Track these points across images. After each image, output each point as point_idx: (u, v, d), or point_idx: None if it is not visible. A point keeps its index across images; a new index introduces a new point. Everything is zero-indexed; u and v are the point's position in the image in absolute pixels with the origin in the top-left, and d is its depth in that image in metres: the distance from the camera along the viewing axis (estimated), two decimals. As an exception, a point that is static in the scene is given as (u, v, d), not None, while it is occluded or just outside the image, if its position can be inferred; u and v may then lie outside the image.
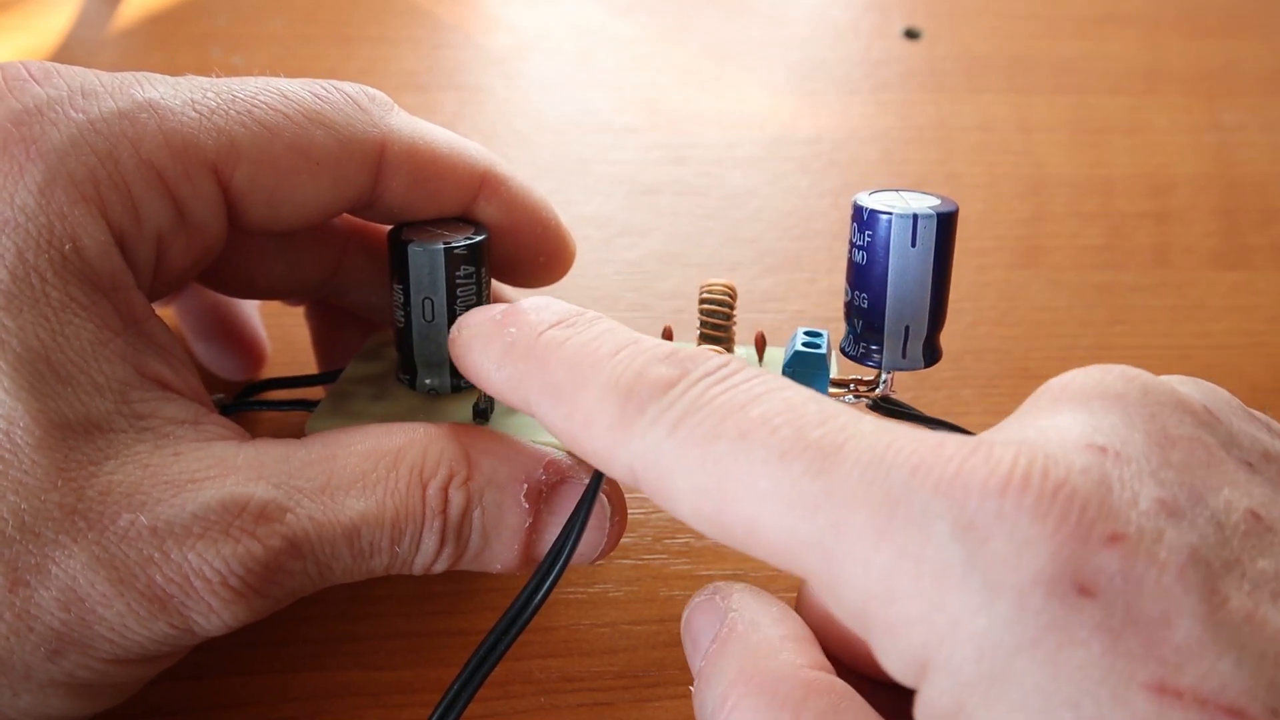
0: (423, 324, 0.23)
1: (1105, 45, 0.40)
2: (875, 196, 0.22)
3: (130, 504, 0.18)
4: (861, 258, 0.22)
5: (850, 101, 0.38)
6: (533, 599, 0.21)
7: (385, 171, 0.22)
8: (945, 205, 0.21)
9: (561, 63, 0.38)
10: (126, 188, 0.20)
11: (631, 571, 0.28)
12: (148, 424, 0.19)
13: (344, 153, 0.22)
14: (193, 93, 0.21)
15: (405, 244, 0.22)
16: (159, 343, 0.20)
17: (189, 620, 0.18)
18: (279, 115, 0.21)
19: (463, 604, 0.27)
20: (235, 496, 0.19)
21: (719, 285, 0.24)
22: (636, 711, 0.26)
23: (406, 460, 0.20)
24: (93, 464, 0.18)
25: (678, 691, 0.26)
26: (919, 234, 0.21)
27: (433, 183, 0.23)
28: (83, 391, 0.19)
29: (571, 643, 0.26)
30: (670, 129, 0.37)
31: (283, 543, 0.19)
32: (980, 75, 0.38)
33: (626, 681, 0.26)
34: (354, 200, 0.23)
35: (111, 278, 0.19)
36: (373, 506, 0.20)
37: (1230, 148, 0.37)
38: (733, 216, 0.35)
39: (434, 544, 0.21)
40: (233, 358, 0.29)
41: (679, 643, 0.27)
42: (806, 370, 0.23)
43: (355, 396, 0.24)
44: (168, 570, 0.18)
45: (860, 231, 0.22)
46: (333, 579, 0.20)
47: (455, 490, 0.21)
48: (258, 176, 0.21)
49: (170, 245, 0.21)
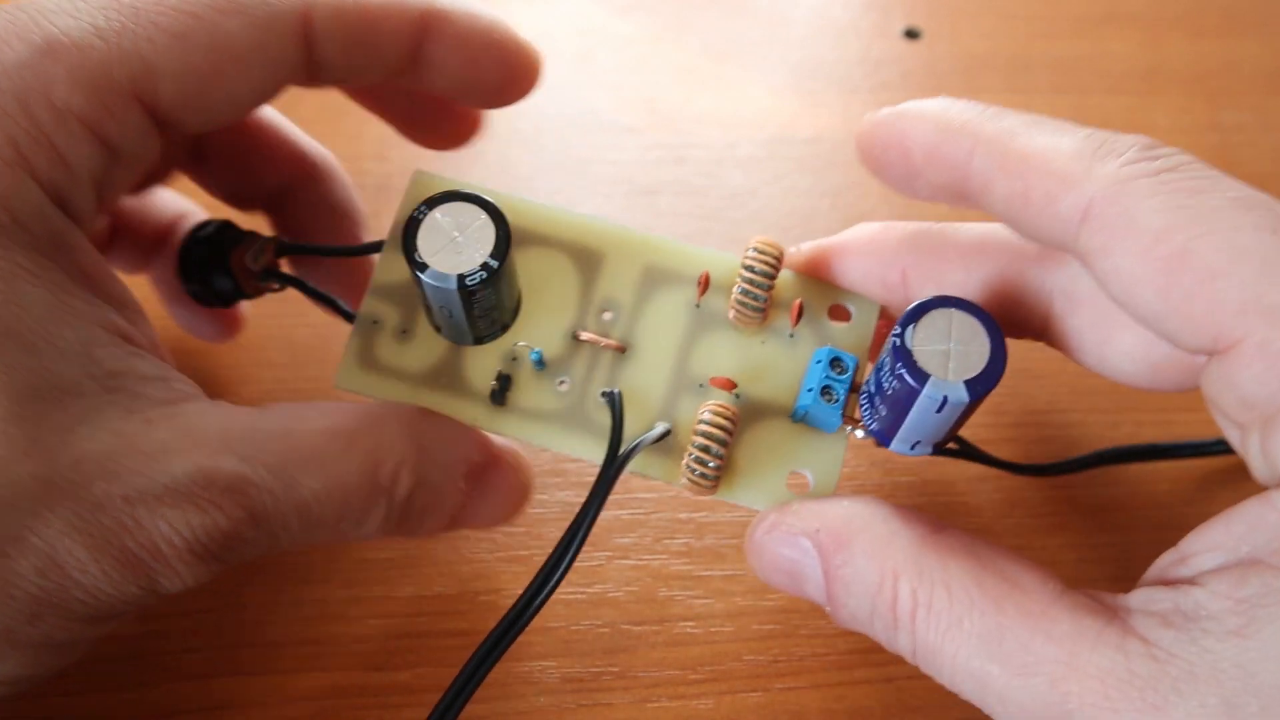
0: (446, 321, 0.23)
1: (1105, 45, 0.40)
2: (925, 328, 0.20)
3: (104, 473, 0.18)
4: (889, 382, 0.21)
5: (850, 101, 0.38)
6: (535, 599, 0.21)
7: (316, 42, 0.22)
8: (992, 361, 0.20)
9: (561, 63, 0.38)
10: (49, 141, 0.19)
11: (631, 571, 0.28)
12: (118, 383, 0.19)
13: (266, 36, 0.21)
14: (93, 17, 0.20)
15: (420, 268, 0.21)
16: (116, 297, 0.20)
17: (155, 582, 0.19)
18: (187, 18, 0.20)
19: (463, 604, 0.27)
20: (204, 469, 0.19)
21: (769, 251, 0.23)
22: (636, 711, 0.26)
23: (361, 443, 0.21)
24: (65, 431, 0.18)
25: (678, 691, 0.26)
26: (947, 407, 0.20)
27: (370, 39, 0.22)
28: (47, 358, 0.19)
29: (571, 643, 0.26)
30: (670, 129, 0.37)
31: (245, 514, 0.19)
32: (980, 75, 0.38)
33: (626, 682, 0.26)
34: (290, 77, 0.22)
35: (55, 237, 0.19)
36: (326, 486, 0.20)
37: (1230, 148, 0.37)
38: (733, 216, 0.35)
39: (377, 521, 0.21)
40: (212, 320, 0.29)
41: (679, 643, 0.27)
42: (819, 418, 0.23)
43: (382, 335, 0.23)
44: (140, 537, 0.18)
45: (895, 361, 0.20)
46: (279, 547, 0.21)
47: (404, 473, 0.21)
48: (181, 89, 0.20)
49: (108, 182, 0.21)
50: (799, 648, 0.27)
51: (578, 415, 0.23)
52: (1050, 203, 0.20)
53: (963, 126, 0.21)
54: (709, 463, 0.22)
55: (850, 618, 0.21)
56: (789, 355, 0.24)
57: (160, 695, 0.25)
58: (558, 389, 0.23)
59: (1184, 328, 0.19)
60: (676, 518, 0.29)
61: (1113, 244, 0.19)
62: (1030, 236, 0.21)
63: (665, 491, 0.29)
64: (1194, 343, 0.19)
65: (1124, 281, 0.19)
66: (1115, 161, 0.19)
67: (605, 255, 0.24)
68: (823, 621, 0.27)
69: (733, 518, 0.29)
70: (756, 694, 0.26)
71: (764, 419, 0.23)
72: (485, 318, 0.23)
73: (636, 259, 0.24)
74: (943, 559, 0.20)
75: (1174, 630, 0.18)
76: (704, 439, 0.22)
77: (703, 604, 0.27)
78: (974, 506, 0.29)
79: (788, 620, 0.27)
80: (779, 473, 0.23)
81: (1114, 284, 0.19)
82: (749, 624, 0.27)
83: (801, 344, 0.24)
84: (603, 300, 0.24)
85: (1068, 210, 0.19)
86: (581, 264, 0.24)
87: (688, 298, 0.24)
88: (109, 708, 0.25)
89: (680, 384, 0.23)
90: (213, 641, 0.26)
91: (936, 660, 0.20)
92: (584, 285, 0.24)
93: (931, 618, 0.19)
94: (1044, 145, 0.20)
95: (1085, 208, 0.19)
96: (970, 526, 0.29)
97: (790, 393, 0.23)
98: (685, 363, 0.24)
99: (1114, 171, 0.19)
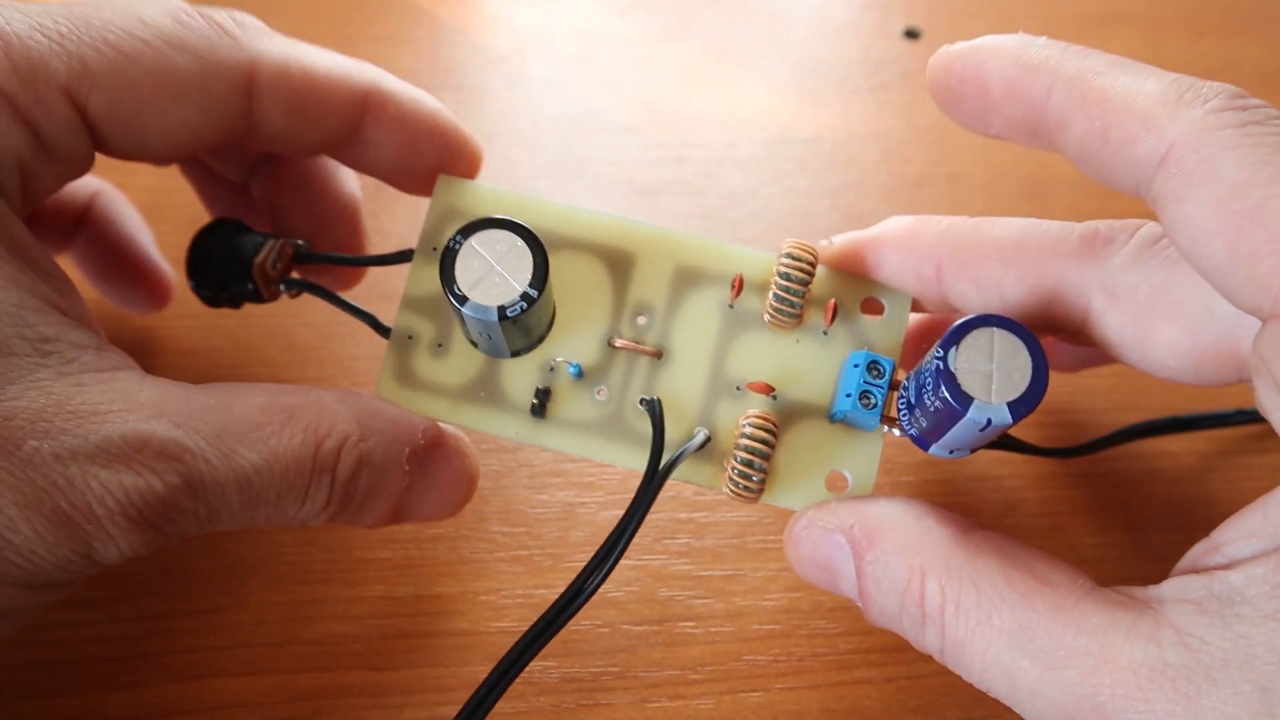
0: (484, 340, 0.23)
1: (1105, 45, 0.39)
2: (967, 348, 0.20)
3: (35, 431, 0.18)
4: (931, 401, 0.21)
5: (850, 101, 0.38)
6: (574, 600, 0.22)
7: (258, 98, 0.22)
8: (1034, 381, 0.20)
9: (561, 63, 0.38)
10: None
11: (631, 572, 0.28)
12: (51, 348, 0.19)
13: (207, 78, 0.21)
14: (42, 19, 0.20)
15: (460, 301, 0.21)
16: (47, 269, 0.21)
17: (90, 547, 0.19)
18: (135, 40, 0.21)
19: (463, 604, 0.27)
20: (138, 432, 0.19)
21: (803, 256, 0.23)
22: (636, 711, 0.26)
23: (301, 418, 0.21)
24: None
25: (678, 691, 0.26)
26: (990, 428, 0.20)
27: (311, 107, 0.23)
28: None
29: (571, 643, 0.26)
30: (670, 129, 0.37)
31: (180, 481, 0.19)
32: (980, 75, 0.38)
33: (627, 682, 0.26)
34: (228, 128, 0.22)
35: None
36: (266, 459, 0.20)
37: (1230, 148, 0.37)
38: (733, 216, 0.35)
39: (320, 501, 0.21)
40: (138, 292, 0.29)
41: (679, 643, 0.27)
42: (857, 420, 0.23)
43: (418, 350, 0.24)
44: (71, 496, 0.18)
45: (937, 382, 0.20)
46: (219, 523, 0.20)
47: (347, 451, 0.21)
48: (115, 103, 0.21)
49: (34, 171, 0.21)
50: (799, 648, 0.27)
51: (617, 424, 0.23)
52: (1129, 144, 0.19)
53: (1044, 62, 0.21)
54: (753, 476, 0.22)
55: (880, 614, 0.21)
56: (824, 354, 0.23)
57: (160, 695, 0.25)
58: (596, 398, 0.23)
59: (1247, 285, 0.18)
60: (676, 518, 0.29)
61: (1187, 191, 0.19)
62: (1102, 178, 0.21)
63: (665, 491, 0.29)
64: (1254, 302, 0.18)
65: (1194, 231, 0.19)
66: (1200, 108, 0.19)
67: (636, 256, 0.24)
68: (823, 621, 0.27)
69: (733, 518, 0.29)
70: (756, 694, 0.26)
71: (801, 420, 0.23)
72: (524, 336, 0.23)
73: (668, 259, 0.24)
74: (971, 557, 0.20)
75: (1208, 617, 0.18)
76: (747, 452, 0.22)
77: (703, 604, 0.27)
78: (1006, 491, 0.29)
79: (788, 620, 0.27)
80: (818, 473, 0.23)
81: (1182, 232, 0.19)
82: (749, 624, 0.27)
83: (836, 341, 0.24)
84: (636, 304, 0.24)
85: (1146, 153, 0.19)
86: (613, 266, 0.24)
87: (720, 298, 0.24)
88: (109, 708, 0.25)
89: (717, 387, 0.23)
90: (213, 641, 0.26)
91: (965, 656, 0.20)
92: (616, 289, 0.24)
93: (960, 614, 0.20)
94: (1127, 85, 0.20)
95: (1165, 152, 0.19)
96: (998, 511, 0.29)
97: (826, 392, 0.23)
98: (721, 365, 0.23)
99: (1198, 118, 0.19)
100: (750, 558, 0.28)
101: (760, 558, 0.28)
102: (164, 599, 0.26)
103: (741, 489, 0.22)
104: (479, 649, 0.26)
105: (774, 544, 0.28)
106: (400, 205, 0.34)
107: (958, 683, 0.20)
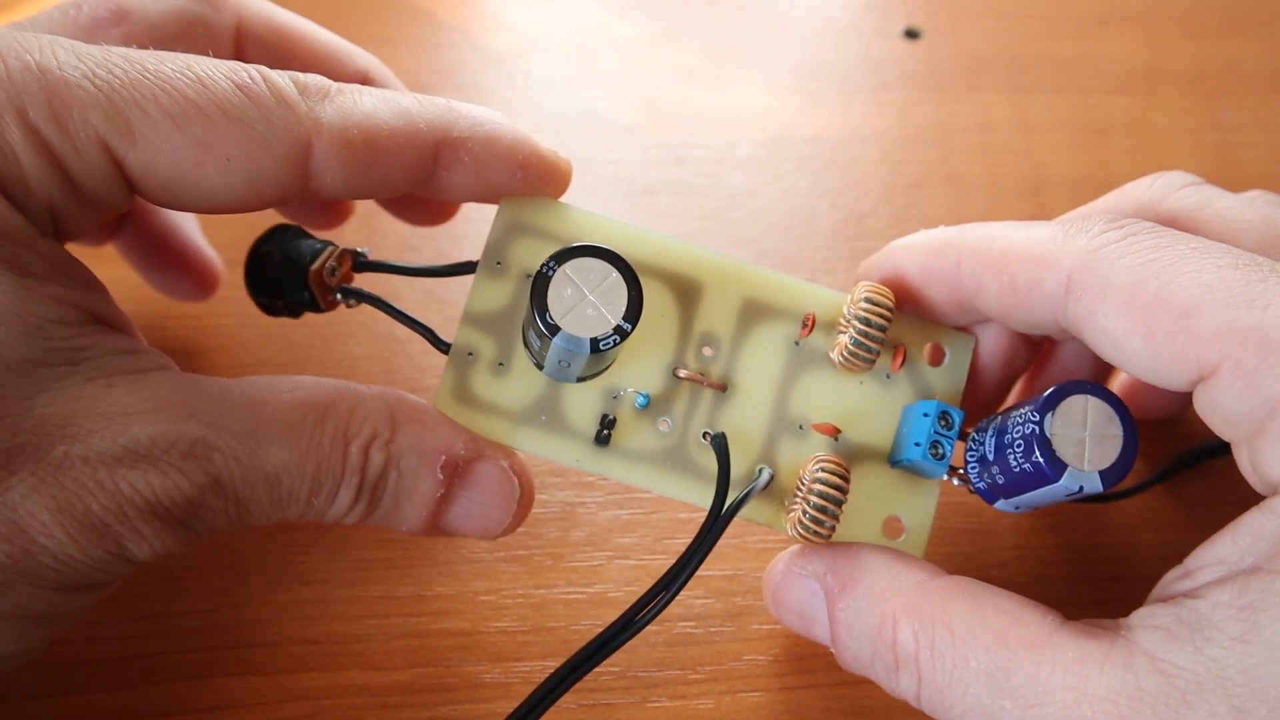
0: (556, 366, 0.22)
1: (1105, 45, 0.40)
2: (1062, 414, 0.20)
3: (63, 435, 0.18)
4: (1018, 463, 0.21)
5: (850, 101, 0.38)
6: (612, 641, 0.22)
7: (315, 166, 0.21)
8: (1124, 450, 0.20)
9: (561, 63, 0.38)
10: (11, 151, 0.19)
11: (631, 572, 0.28)
12: (84, 355, 0.20)
13: (260, 152, 0.20)
14: (96, 66, 0.20)
15: (552, 331, 0.21)
16: (81, 279, 0.20)
17: (122, 547, 0.19)
18: (187, 105, 0.20)
19: (462, 604, 0.27)
20: (165, 432, 0.19)
21: (883, 303, 0.22)
22: (636, 711, 0.26)
23: (333, 417, 0.21)
24: (26, 399, 0.18)
25: (678, 691, 0.26)
26: (1079, 495, 0.21)
27: (374, 170, 0.22)
28: (14, 334, 0.19)
29: (571, 643, 0.26)
30: (670, 129, 0.37)
31: (208, 479, 0.19)
32: (980, 75, 0.38)
33: (627, 682, 0.26)
34: (280, 196, 0.21)
35: (19, 232, 0.19)
36: (295, 457, 0.20)
37: (1230, 148, 0.37)
38: (733, 216, 0.35)
39: (349, 499, 0.21)
40: (186, 280, 0.29)
41: (679, 643, 0.27)
42: (924, 469, 0.23)
43: (477, 368, 0.23)
44: (101, 499, 0.18)
45: (1030, 447, 0.20)
46: (249, 520, 0.20)
47: (376, 451, 0.21)
48: (155, 165, 0.20)
49: (67, 213, 0.20)
50: (799, 648, 0.27)
51: (680, 457, 0.23)
52: (1035, 285, 0.21)
53: (947, 242, 0.23)
54: (825, 522, 0.22)
55: (854, 660, 0.22)
56: (886, 398, 0.24)
57: (160, 695, 0.25)
58: (660, 429, 0.23)
59: (1171, 367, 0.20)
60: (676, 518, 0.29)
61: (1095, 306, 0.20)
62: (1026, 326, 0.23)
63: (665, 491, 0.29)
64: (1183, 378, 0.20)
65: (1112, 338, 0.20)
66: (1084, 237, 0.21)
67: (704, 285, 0.24)
68: (823, 621, 0.27)
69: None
70: (756, 694, 0.26)
71: (862, 463, 0.23)
72: (597, 365, 0.22)
73: (736, 290, 0.24)
74: (943, 600, 0.21)
75: (1178, 643, 0.18)
76: (821, 498, 0.22)
77: (703, 604, 0.27)
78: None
79: (788, 620, 0.27)
80: (876, 518, 0.23)
81: (1105, 344, 0.21)
82: (749, 624, 0.27)
83: (897, 386, 0.24)
84: (702, 335, 0.23)
85: (1052, 287, 0.21)
86: (680, 294, 0.24)
87: (787, 334, 0.24)
88: (109, 708, 0.25)
89: (780, 425, 0.23)
90: (213, 641, 0.26)
91: (945, 701, 0.20)
92: (683, 318, 0.23)
93: (936, 658, 0.20)
94: (1020, 238, 0.22)
95: (1066, 282, 0.21)
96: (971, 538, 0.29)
97: (885, 436, 0.23)
98: (784, 402, 0.23)
99: (1085, 245, 0.21)
100: (750, 558, 0.28)
101: (760, 558, 0.28)
102: (164, 599, 0.26)
103: (812, 534, 0.22)
104: (479, 649, 0.26)
105: (774, 544, 0.28)
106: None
107: (958, 683, 0.20)
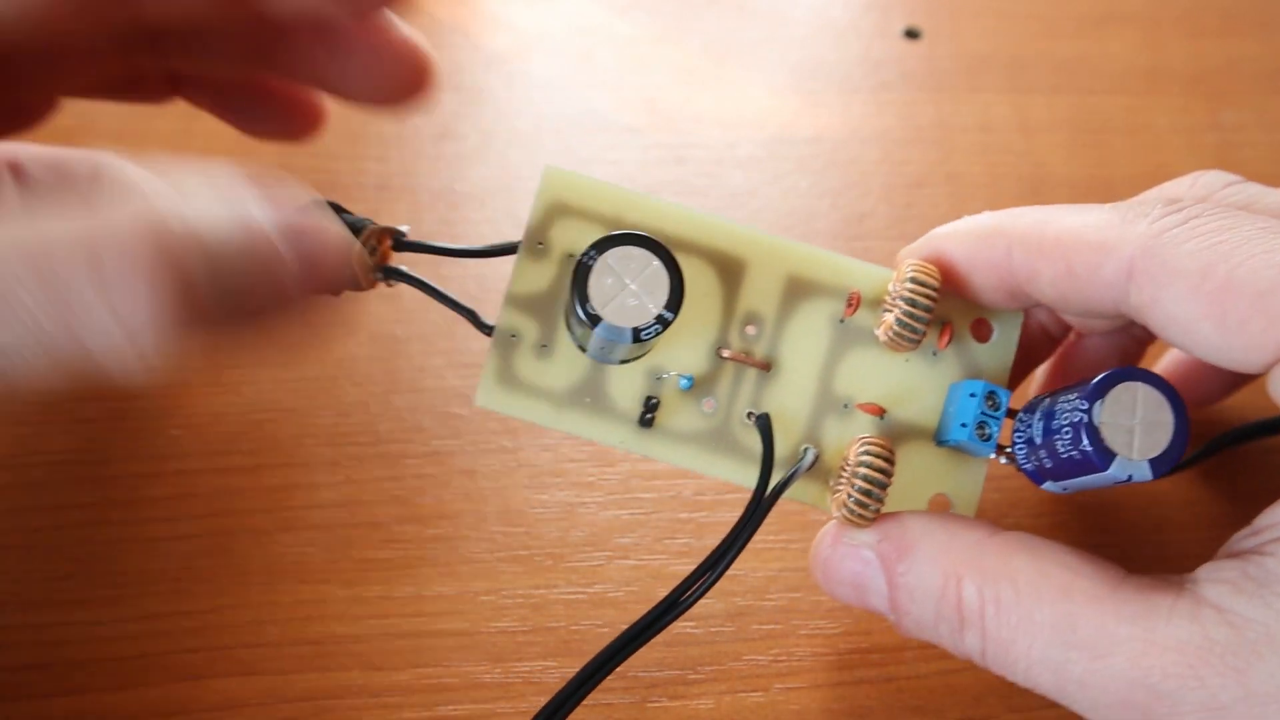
0: (600, 351, 0.22)
1: (1105, 45, 0.40)
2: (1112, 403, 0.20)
3: None
4: (1067, 450, 0.21)
5: (850, 101, 0.38)
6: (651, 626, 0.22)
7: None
8: (1175, 439, 0.20)
9: (561, 63, 0.38)
10: None
11: (631, 571, 0.28)
12: None
13: None
14: None
15: (594, 321, 0.21)
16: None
17: None
18: None
19: (462, 604, 0.27)
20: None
21: (930, 282, 0.22)
22: (636, 711, 0.26)
23: None
24: None
25: (678, 691, 0.26)
26: (1129, 482, 0.20)
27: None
28: None
29: (571, 643, 0.26)
30: (670, 129, 0.37)
31: None
32: (980, 75, 0.38)
33: (627, 682, 0.26)
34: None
35: None
36: None
37: (1230, 148, 0.37)
38: (733, 216, 0.35)
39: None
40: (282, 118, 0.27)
41: (679, 643, 0.27)
42: (970, 448, 0.23)
43: (521, 350, 0.23)
44: None
45: (1078, 434, 0.20)
46: None
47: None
48: None
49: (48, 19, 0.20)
50: (799, 648, 0.27)
51: (724, 437, 0.23)
52: (1095, 272, 0.21)
53: (995, 229, 0.22)
54: (870, 505, 0.22)
55: (915, 624, 0.22)
56: (932, 375, 0.23)
57: (160, 695, 0.25)
58: (703, 410, 0.23)
59: (1247, 351, 0.20)
60: (676, 518, 0.29)
61: (1161, 293, 0.20)
62: (1082, 311, 0.22)
63: (665, 491, 0.29)
64: (1259, 361, 0.20)
65: (1181, 325, 0.20)
66: (1144, 221, 0.20)
67: (748, 263, 0.23)
68: (823, 621, 0.27)
69: (733, 518, 0.28)
70: (756, 694, 0.26)
71: (907, 441, 0.23)
72: (639, 349, 0.22)
73: (780, 268, 0.23)
74: (1004, 556, 0.21)
75: (1245, 596, 0.18)
76: (866, 481, 0.22)
77: (703, 604, 0.27)
78: (1008, 491, 0.29)
79: (788, 620, 0.27)
80: (922, 497, 0.23)
81: (1173, 330, 0.20)
82: (749, 624, 0.27)
83: (944, 363, 0.23)
84: (746, 314, 0.23)
85: (1112, 274, 0.21)
86: (723, 273, 0.23)
87: (831, 312, 0.23)
88: (109, 708, 0.25)
89: (824, 404, 0.23)
90: (213, 642, 0.26)
91: (1010, 655, 0.20)
92: (727, 297, 0.23)
93: (1001, 614, 0.20)
94: (1075, 223, 0.21)
95: (1128, 268, 0.20)
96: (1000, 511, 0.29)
97: (932, 413, 0.23)
98: (829, 381, 0.23)
99: (1146, 229, 0.20)
100: (750, 558, 0.28)
101: (760, 558, 0.28)
102: (164, 599, 0.26)
103: (857, 515, 0.22)
104: (479, 649, 0.26)
105: (774, 544, 0.28)
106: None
107: (957, 682, 0.20)
